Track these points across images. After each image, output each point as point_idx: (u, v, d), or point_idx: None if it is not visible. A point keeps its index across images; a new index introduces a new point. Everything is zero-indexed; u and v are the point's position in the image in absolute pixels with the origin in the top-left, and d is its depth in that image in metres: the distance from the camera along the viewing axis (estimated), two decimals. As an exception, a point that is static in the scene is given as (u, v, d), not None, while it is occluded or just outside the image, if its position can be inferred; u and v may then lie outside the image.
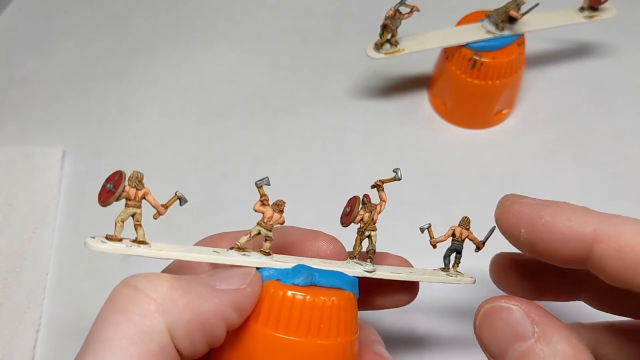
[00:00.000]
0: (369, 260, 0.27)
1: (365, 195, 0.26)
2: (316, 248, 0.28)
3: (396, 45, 0.42)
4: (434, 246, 0.29)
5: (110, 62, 0.52)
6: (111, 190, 0.22)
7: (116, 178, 0.22)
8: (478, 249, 0.29)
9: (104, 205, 0.23)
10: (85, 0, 0.56)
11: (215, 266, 0.25)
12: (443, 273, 0.29)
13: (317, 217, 0.43)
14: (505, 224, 0.25)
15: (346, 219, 0.26)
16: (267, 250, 0.25)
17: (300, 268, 0.24)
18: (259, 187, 0.24)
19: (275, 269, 0.24)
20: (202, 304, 0.21)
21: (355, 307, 0.25)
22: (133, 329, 0.19)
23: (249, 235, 0.24)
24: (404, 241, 0.42)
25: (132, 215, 0.23)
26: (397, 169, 0.26)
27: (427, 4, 0.41)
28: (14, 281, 0.41)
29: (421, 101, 0.49)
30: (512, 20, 0.42)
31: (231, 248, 0.25)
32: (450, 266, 0.29)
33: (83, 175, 0.46)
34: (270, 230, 0.24)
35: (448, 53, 0.44)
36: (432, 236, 0.29)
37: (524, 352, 0.22)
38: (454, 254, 0.29)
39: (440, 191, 0.45)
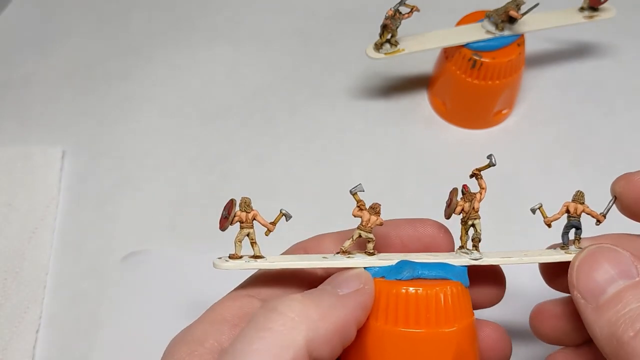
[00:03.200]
0: (473, 248, 0.27)
1: (464, 186, 0.27)
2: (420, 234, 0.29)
3: (396, 45, 0.42)
4: (549, 225, 0.27)
5: (110, 62, 0.52)
6: (226, 216, 0.26)
7: (229, 206, 0.26)
8: (598, 222, 0.28)
9: (222, 230, 0.26)
10: (85, 0, 0.56)
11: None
12: (562, 251, 0.27)
13: (317, 217, 0.43)
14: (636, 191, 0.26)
15: (447, 211, 0.27)
16: (371, 251, 0.27)
17: (402, 263, 0.26)
18: (354, 193, 0.26)
19: (380, 267, 0.26)
20: (334, 313, 0.23)
21: (464, 294, 0.26)
22: (276, 342, 0.22)
23: (351, 239, 0.26)
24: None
25: (247, 235, 0.26)
26: (491, 154, 0.26)
27: (427, 4, 0.41)
28: (14, 281, 0.41)
29: (421, 101, 0.49)
30: (512, 20, 0.42)
31: (337, 253, 0.27)
32: (572, 244, 0.28)
33: (83, 175, 0.46)
34: (370, 232, 0.26)
35: (448, 53, 0.44)
36: (545, 215, 0.27)
37: (627, 287, 0.23)
38: (572, 230, 0.27)
39: (440, 191, 0.45)
